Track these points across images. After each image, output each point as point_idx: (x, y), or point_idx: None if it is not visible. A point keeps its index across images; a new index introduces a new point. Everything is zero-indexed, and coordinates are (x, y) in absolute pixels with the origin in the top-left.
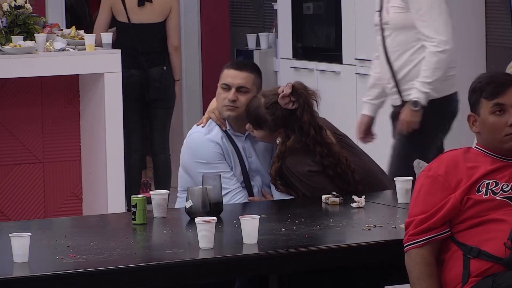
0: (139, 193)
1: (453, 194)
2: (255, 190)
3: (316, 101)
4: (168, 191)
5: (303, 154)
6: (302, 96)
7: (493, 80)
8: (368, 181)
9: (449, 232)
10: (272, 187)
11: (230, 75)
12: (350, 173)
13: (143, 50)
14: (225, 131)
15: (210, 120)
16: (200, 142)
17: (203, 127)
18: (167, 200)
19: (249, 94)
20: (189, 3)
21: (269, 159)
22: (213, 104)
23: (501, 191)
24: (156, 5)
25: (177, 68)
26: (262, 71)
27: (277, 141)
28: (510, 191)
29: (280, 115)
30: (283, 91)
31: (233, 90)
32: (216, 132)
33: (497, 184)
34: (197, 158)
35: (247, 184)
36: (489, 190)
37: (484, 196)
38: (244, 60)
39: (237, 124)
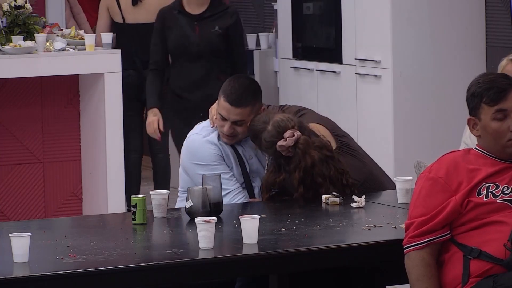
0: (138, 193)
1: (454, 197)
2: (256, 191)
3: (317, 160)
4: (168, 191)
5: None
6: (297, 154)
7: (494, 84)
8: (368, 184)
9: (449, 235)
10: None
11: (225, 108)
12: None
13: (139, 50)
14: None
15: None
16: (199, 144)
17: (212, 127)
18: (167, 200)
19: (247, 123)
20: None
21: None
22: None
23: (501, 194)
24: (152, 5)
25: None
26: (262, 71)
27: (266, 158)
28: (511, 193)
29: (273, 153)
30: (286, 140)
31: (229, 123)
32: (215, 134)
33: (497, 186)
34: (195, 159)
35: (247, 185)
36: (489, 193)
37: (484, 199)
38: (242, 87)
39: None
